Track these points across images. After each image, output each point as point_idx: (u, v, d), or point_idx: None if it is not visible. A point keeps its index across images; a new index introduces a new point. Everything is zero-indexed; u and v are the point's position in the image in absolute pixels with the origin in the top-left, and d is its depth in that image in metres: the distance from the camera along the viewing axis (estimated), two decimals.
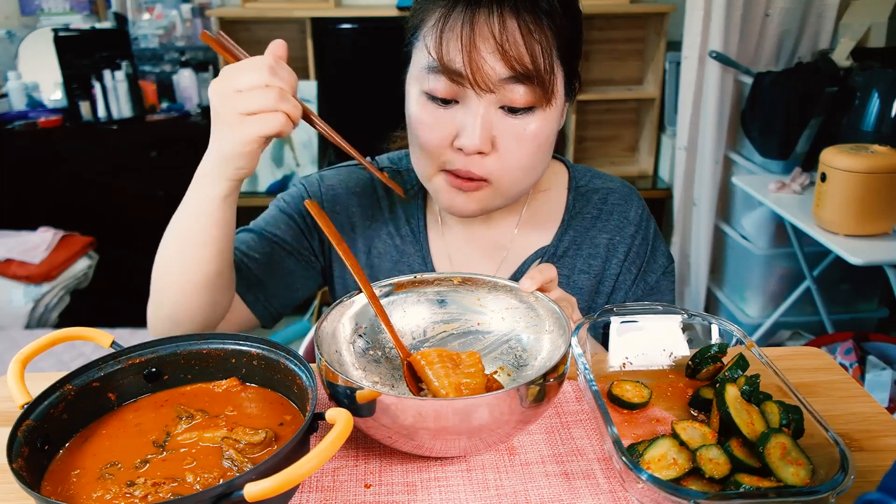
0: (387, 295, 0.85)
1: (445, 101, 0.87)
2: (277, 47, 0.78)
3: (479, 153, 0.87)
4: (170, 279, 0.88)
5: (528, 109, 0.86)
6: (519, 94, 0.84)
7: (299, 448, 0.62)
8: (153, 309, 0.92)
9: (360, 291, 0.81)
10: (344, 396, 0.66)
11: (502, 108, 0.86)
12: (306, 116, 0.80)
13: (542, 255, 1.04)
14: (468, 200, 0.91)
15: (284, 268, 1.02)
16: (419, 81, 0.89)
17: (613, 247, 1.05)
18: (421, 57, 0.88)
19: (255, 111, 0.74)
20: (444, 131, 0.88)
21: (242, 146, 0.76)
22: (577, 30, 0.90)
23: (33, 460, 0.62)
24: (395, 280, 0.85)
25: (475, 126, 0.85)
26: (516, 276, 1.04)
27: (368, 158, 1.10)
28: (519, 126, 0.87)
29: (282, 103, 0.74)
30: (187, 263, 0.85)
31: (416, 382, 0.77)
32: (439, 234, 1.06)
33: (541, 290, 0.81)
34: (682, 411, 0.77)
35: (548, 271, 0.82)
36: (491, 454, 0.73)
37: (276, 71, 0.75)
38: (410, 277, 0.85)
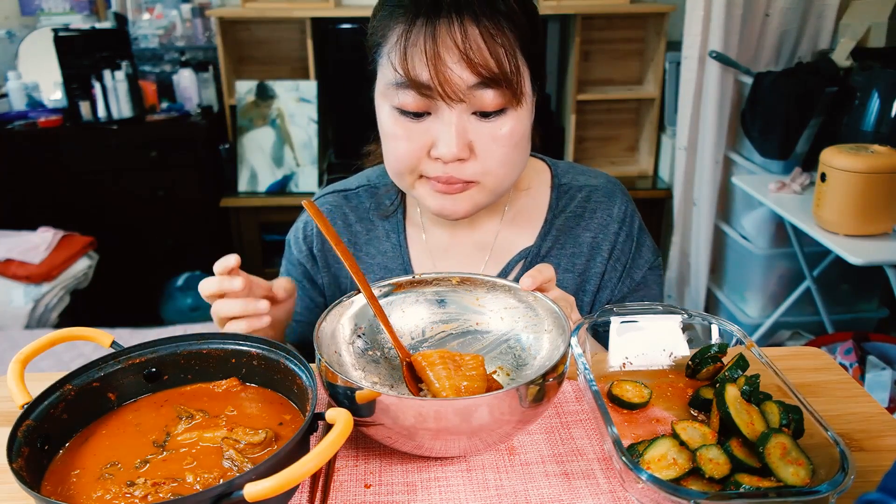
0: (386, 295, 0.85)
1: (417, 115, 0.87)
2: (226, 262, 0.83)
3: (459, 160, 0.87)
4: None
5: (500, 112, 0.87)
6: (489, 97, 0.85)
7: (299, 448, 0.62)
8: None
9: (359, 292, 0.81)
10: (343, 397, 0.66)
11: (475, 113, 0.86)
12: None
13: (526, 256, 1.04)
14: (457, 201, 0.92)
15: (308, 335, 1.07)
16: (387, 97, 0.89)
17: (597, 245, 1.05)
18: (387, 73, 0.88)
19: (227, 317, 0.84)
20: (418, 143, 0.88)
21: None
22: (536, 27, 0.91)
23: (33, 460, 0.62)
24: (395, 280, 0.85)
25: (450, 135, 0.85)
26: (501, 277, 1.04)
27: (334, 185, 1.13)
28: (493, 128, 0.87)
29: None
30: None
31: (416, 383, 0.77)
32: (421, 243, 1.06)
33: (539, 289, 0.81)
34: (682, 411, 0.77)
35: (546, 271, 0.82)
36: (491, 454, 0.73)
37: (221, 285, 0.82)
38: (409, 277, 0.85)
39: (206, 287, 0.83)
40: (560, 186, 1.07)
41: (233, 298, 0.82)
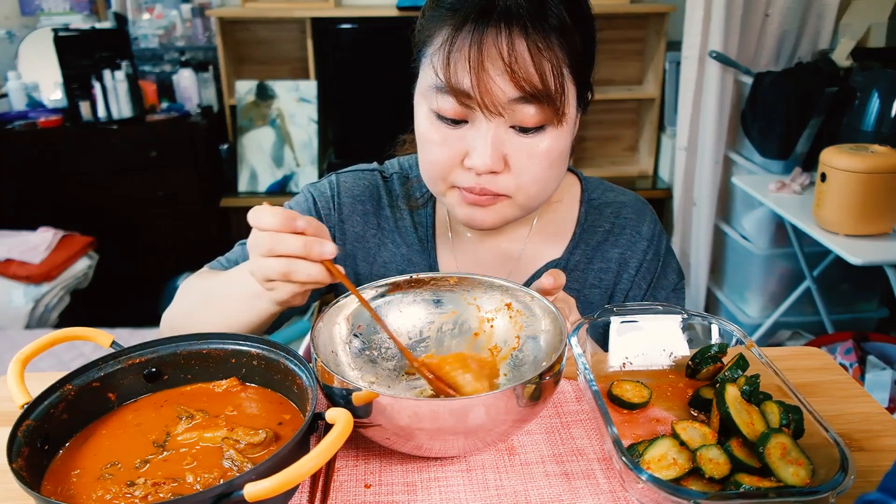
0: (382, 295, 0.84)
1: (455, 122, 0.86)
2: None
3: (492, 172, 0.86)
4: (192, 326, 0.88)
5: (539, 128, 0.85)
6: (529, 114, 0.83)
7: (299, 448, 0.62)
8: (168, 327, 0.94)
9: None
10: (340, 397, 0.66)
11: (513, 127, 0.85)
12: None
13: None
14: (487, 214, 0.90)
15: None
16: (427, 99, 0.87)
17: (625, 262, 1.04)
18: (428, 75, 0.86)
19: (273, 278, 0.72)
20: (453, 150, 0.87)
21: (287, 302, 0.78)
22: (589, 41, 0.88)
23: (33, 460, 0.62)
24: (391, 280, 0.85)
25: (485, 147, 0.84)
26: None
27: (375, 164, 1.11)
28: (531, 144, 0.85)
29: (293, 274, 0.70)
30: (217, 325, 0.86)
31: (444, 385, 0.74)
32: (448, 243, 1.05)
33: (547, 293, 0.81)
34: (682, 411, 0.77)
35: (561, 278, 0.82)
36: (491, 454, 0.73)
37: (281, 238, 0.70)
38: (406, 277, 0.85)
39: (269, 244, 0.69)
40: (590, 201, 1.06)
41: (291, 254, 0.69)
